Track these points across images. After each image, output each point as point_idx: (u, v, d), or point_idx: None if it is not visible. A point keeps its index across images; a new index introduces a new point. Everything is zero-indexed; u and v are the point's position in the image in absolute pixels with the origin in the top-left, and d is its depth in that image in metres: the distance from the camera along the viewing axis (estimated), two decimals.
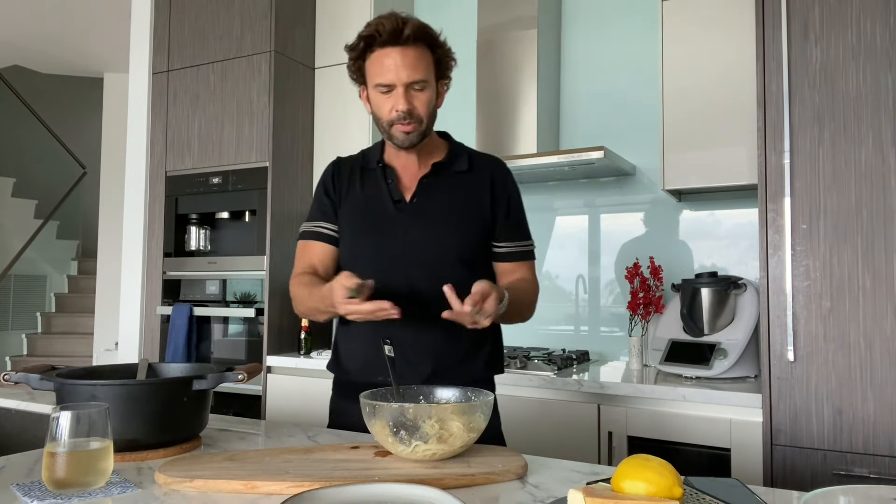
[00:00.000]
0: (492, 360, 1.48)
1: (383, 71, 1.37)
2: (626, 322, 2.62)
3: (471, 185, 1.47)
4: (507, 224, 1.49)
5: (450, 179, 1.47)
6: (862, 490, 0.78)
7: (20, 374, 1.22)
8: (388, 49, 1.36)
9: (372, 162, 1.50)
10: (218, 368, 1.33)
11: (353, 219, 1.47)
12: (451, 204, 1.45)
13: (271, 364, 2.71)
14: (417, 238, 1.41)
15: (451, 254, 1.41)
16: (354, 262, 1.42)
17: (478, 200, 1.47)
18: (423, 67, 1.38)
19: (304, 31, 3.03)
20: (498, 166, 1.53)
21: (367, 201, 1.47)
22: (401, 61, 1.36)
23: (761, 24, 1.84)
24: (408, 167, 1.48)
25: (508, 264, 1.50)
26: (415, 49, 1.37)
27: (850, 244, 1.71)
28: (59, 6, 4.61)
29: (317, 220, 1.51)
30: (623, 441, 1.99)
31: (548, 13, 2.73)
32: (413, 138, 1.40)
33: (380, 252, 1.41)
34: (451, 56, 1.45)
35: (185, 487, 0.99)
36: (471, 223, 1.45)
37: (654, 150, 2.58)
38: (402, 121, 1.37)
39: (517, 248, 1.50)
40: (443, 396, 1.22)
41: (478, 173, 1.49)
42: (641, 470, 0.82)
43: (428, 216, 1.43)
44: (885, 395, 1.65)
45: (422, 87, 1.38)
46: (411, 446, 1.05)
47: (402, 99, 1.36)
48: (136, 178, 3.17)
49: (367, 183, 1.49)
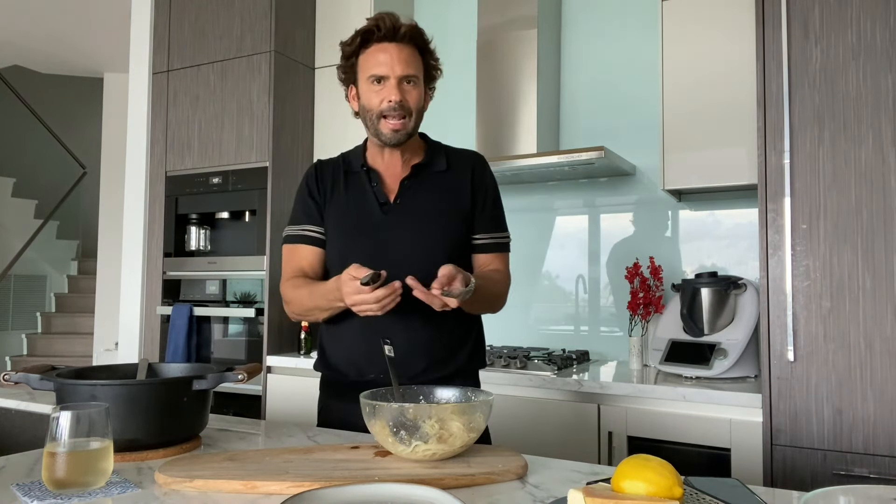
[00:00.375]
0: (475, 353, 1.53)
1: (378, 63, 1.40)
2: (626, 322, 2.62)
3: (451, 184, 1.51)
4: (483, 216, 1.52)
5: (430, 179, 1.50)
6: (862, 490, 0.78)
7: (20, 374, 1.22)
8: (385, 44, 1.41)
9: (355, 165, 1.52)
10: (218, 368, 1.33)
11: (340, 221, 1.49)
12: (434, 203, 1.48)
13: (271, 364, 2.71)
14: (405, 238, 1.44)
15: (438, 252, 1.43)
16: (343, 264, 1.41)
17: (459, 197, 1.50)
18: (416, 65, 1.43)
19: (304, 31, 3.03)
20: (476, 161, 1.56)
21: (353, 204, 1.49)
22: (396, 55, 1.40)
23: (761, 24, 1.84)
24: (390, 169, 1.51)
25: (484, 255, 1.53)
26: (409, 47, 1.42)
27: (850, 244, 1.71)
28: (59, 6, 4.61)
29: (302, 224, 1.52)
30: (623, 441, 1.99)
31: (548, 13, 2.73)
32: (400, 136, 1.43)
33: (369, 254, 1.42)
34: (438, 65, 1.50)
35: (185, 487, 0.99)
36: (455, 220, 1.48)
37: (654, 150, 2.58)
38: (392, 112, 1.40)
39: (492, 240, 1.53)
40: (443, 396, 1.22)
41: (456, 171, 1.52)
42: (641, 470, 0.82)
43: (414, 216, 1.46)
44: (885, 395, 1.65)
45: (414, 83, 1.43)
46: (411, 446, 1.05)
47: (395, 90, 1.39)
48: (136, 178, 3.17)
49: (351, 186, 1.51)
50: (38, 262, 6.12)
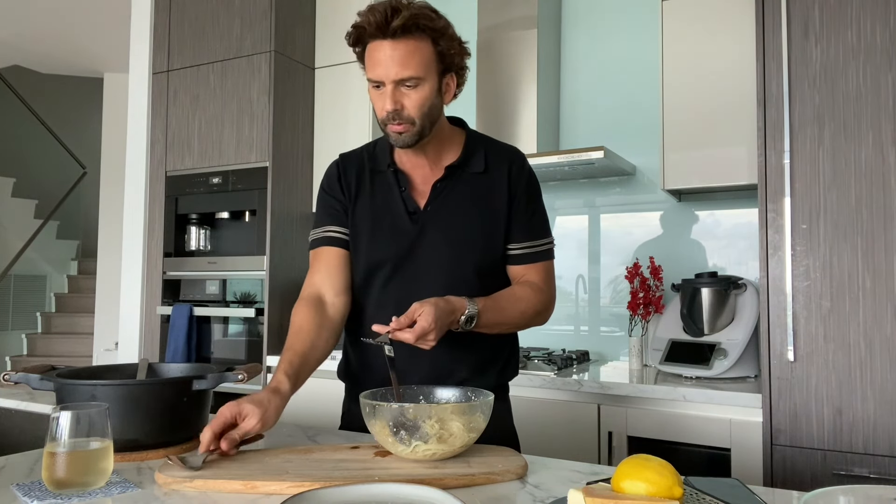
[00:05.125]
0: (505, 369, 1.43)
1: (373, 66, 1.25)
2: (626, 322, 2.62)
3: (487, 187, 1.37)
4: (518, 223, 1.38)
5: (465, 182, 1.37)
6: (862, 490, 0.78)
7: (20, 374, 1.22)
8: (378, 42, 1.24)
9: (381, 163, 1.39)
10: (218, 368, 1.33)
11: (367, 229, 1.37)
12: (466, 211, 1.35)
13: (271, 364, 2.70)
14: (434, 252, 1.33)
15: (469, 266, 1.34)
16: (370, 277, 1.37)
17: (495, 203, 1.36)
18: (417, 63, 1.24)
19: (304, 31, 3.03)
20: (514, 159, 1.41)
21: (381, 210, 1.37)
22: (389, 57, 1.23)
23: (761, 24, 1.84)
24: (419, 169, 1.38)
25: (519, 267, 1.40)
26: (407, 42, 1.23)
27: (850, 244, 1.71)
28: (59, 6, 4.61)
29: (325, 225, 1.40)
30: (623, 441, 1.99)
31: (548, 13, 2.73)
32: (406, 139, 1.28)
33: (395, 266, 1.34)
34: (458, 46, 1.30)
35: (185, 487, 0.99)
36: (490, 230, 1.36)
37: (654, 150, 2.58)
38: (391, 120, 1.26)
39: (527, 250, 1.40)
40: (443, 396, 1.22)
41: (493, 171, 1.38)
42: (641, 470, 0.82)
43: (445, 226, 1.34)
44: (885, 395, 1.65)
45: (414, 84, 1.25)
46: (411, 446, 1.05)
47: (389, 98, 1.24)
48: (136, 178, 3.17)
49: (378, 187, 1.38)
50: (38, 262, 6.12)
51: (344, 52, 2.95)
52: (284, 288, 2.85)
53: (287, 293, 2.86)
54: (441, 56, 1.28)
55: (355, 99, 2.91)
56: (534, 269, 1.40)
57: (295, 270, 2.92)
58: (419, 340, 1.16)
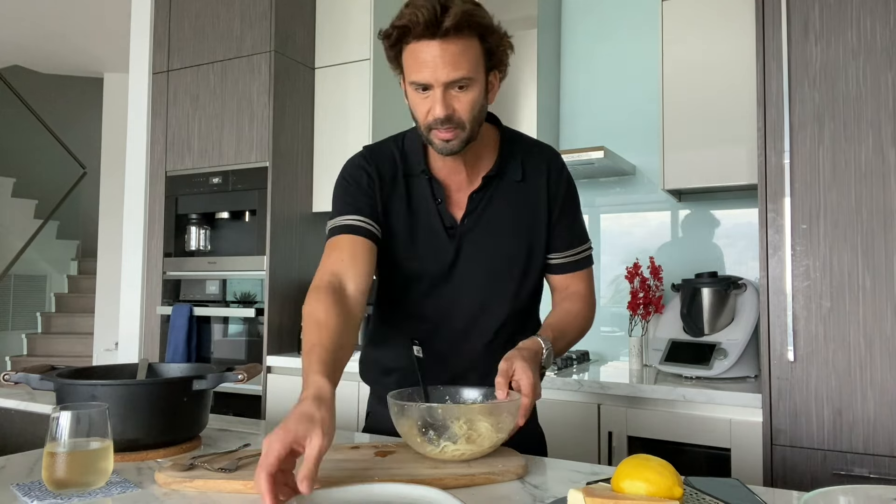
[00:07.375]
0: None
1: (419, 68, 1.14)
2: (626, 322, 2.62)
3: (526, 195, 1.31)
4: (558, 232, 1.33)
5: (503, 192, 1.30)
6: (862, 490, 0.78)
7: (20, 374, 1.22)
8: (425, 42, 1.13)
9: (415, 167, 1.30)
10: (218, 368, 1.33)
11: (402, 238, 1.29)
12: (506, 227, 1.30)
13: (271, 364, 2.71)
14: (471, 274, 1.29)
15: (505, 284, 1.30)
16: (404, 288, 1.32)
17: (535, 212, 1.31)
18: (468, 63, 1.15)
19: (304, 31, 3.03)
20: (552, 162, 1.34)
21: (416, 221, 1.29)
22: (439, 58, 1.13)
23: (761, 23, 1.84)
24: (455, 175, 1.30)
25: (561, 277, 1.36)
26: (457, 42, 1.13)
27: (849, 244, 1.71)
28: (59, 6, 4.61)
29: (351, 214, 1.26)
30: (623, 441, 1.99)
31: (548, 13, 2.73)
32: (454, 146, 1.20)
33: (433, 285, 1.30)
34: (506, 43, 1.22)
35: (185, 487, 0.99)
36: (531, 244, 1.31)
37: (654, 150, 2.58)
38: (440, 126, 1.17)
39: (569, 258, 1.34)
40: (469, 397, 1.20)
41: (531, 181, 1.32)
42: (641, 470, 0.82)
43: (483, 246, 1.29)
44: (885, 395, 1.65)
45: (465, 85, 1.16)
46: (440, 446, 1.05)
47: (440, 103, 1.15)
48: (136, 178, 3.17)
49: (412, 194, 1.30)
50: (38, 262, 6.12)
51: (344, 52, 2.95)
52: (284, 288, 2.85)
53: (287, 293, 2.86)
54: (489, 53, 1.19)
55: (355, 99, 2.91)
56: (577, 277, 1.37)
57: (295, 270, 2.92)
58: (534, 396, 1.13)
